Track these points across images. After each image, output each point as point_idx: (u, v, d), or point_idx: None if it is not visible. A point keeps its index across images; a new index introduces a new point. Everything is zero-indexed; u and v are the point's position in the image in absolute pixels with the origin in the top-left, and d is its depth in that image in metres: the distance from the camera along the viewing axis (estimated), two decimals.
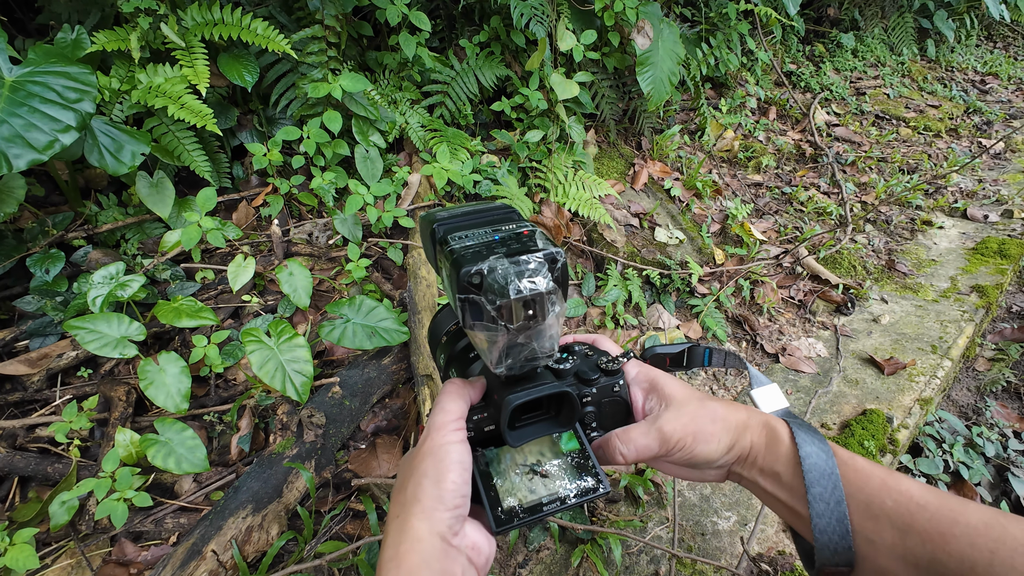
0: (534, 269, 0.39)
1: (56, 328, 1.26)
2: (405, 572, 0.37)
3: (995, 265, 1.98)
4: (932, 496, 0.38)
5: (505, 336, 0.40)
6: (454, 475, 0.40)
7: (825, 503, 0.40)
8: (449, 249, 0.41)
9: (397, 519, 0.40)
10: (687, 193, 2.15)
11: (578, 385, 0.49)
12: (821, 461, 0.42)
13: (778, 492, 0.44)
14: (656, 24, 1.91)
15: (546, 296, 0.39)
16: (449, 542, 0.39)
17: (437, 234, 0.44)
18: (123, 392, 1.17)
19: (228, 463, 1.15)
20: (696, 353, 0.56)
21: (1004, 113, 3.30)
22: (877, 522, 0.39)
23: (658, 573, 1.03)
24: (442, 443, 0.41)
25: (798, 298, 1.84)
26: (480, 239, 0.42)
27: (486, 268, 0.38)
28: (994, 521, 0.36)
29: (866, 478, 0.41)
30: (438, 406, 0.44)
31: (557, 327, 0.41)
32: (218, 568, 0.91)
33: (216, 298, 1.42)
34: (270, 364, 1.09)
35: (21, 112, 1.02)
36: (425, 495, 0.39)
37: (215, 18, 1.41)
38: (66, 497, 0.97)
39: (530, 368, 0.44)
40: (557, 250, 0.40)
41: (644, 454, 0.46)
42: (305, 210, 1.67)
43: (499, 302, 0.38)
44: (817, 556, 0.41)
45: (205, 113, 1.32)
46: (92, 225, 1.42)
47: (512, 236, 0.42)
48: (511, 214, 0.46)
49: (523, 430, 0.45)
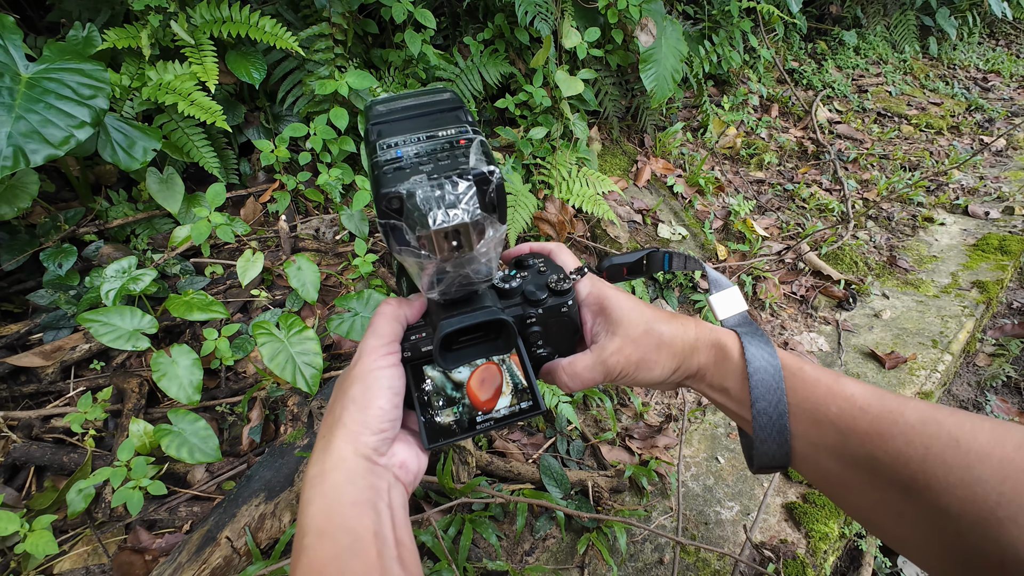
0: (460, 194, 0.35)
1: (69, 321, 1.28)
2: (329, 487, 0.38)
3: (996, 261, 2.00)
4: (875, 399, 0.40)
5: (433, 264, 0.37)
6: (381, 401, 0.40)
7: (768, 416, 0.42)
8: (373, 161, 0.37)
9: (323, 439, 0.40)
10: (690, 190, 2.16)
11: (524, 305, 0.47)
12: (768, 376, 0.43)
13: (727, 403, 0.47)
14: (659, 21, 1.92)
15: (471, 226, 0.36)
16: (375, 461, 0.40)
17: (370, 135, 0.39)
18: (136, 384, 1.19)
19: (240, 453, 1.17)
20: (655, 258, 0.54)
21: (1006, 110, 3.31)
22: (820, 427, 0.41)
23: (662, 560, 1.05)
24: (372, 368, 0.41)
25: (800, 293, 1.85)
26: (410, 147, 0.38)
27: (405, 192, 0.35)
28: (930, 418, 0.37)
29: (812, 387, 0.42)
30: (371, 329, 0.43)
31: (493, 252, 0.39)
32: (232, 554, 0.93)
33: (225, 292, 1.44)
34: (281, 356, 1.11)
35: (38, 108, 1.03)
36: (351, 420, 0.40)
37: (224, 16, 1.43)
38: (83, 485, 0.98)
39: (468, 291, 0.42)
40: (491, 168, 0.36)
41: (588, 385, 0.47)
42: (312, 206, 1.69)
43: (419, 231, 0.35)
44: (756, 459, 0.44)
45: (214, 109, 1.34)
46: (103, 220, 1.44)
47: (445, 147, 0.38)
48: (456, 111, 0.41)
49: (459, 352, 0.43)
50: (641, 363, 0.46)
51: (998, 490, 0.33)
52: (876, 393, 0.41)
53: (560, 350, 0.50)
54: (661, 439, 1.29)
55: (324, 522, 0.37)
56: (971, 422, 0.36)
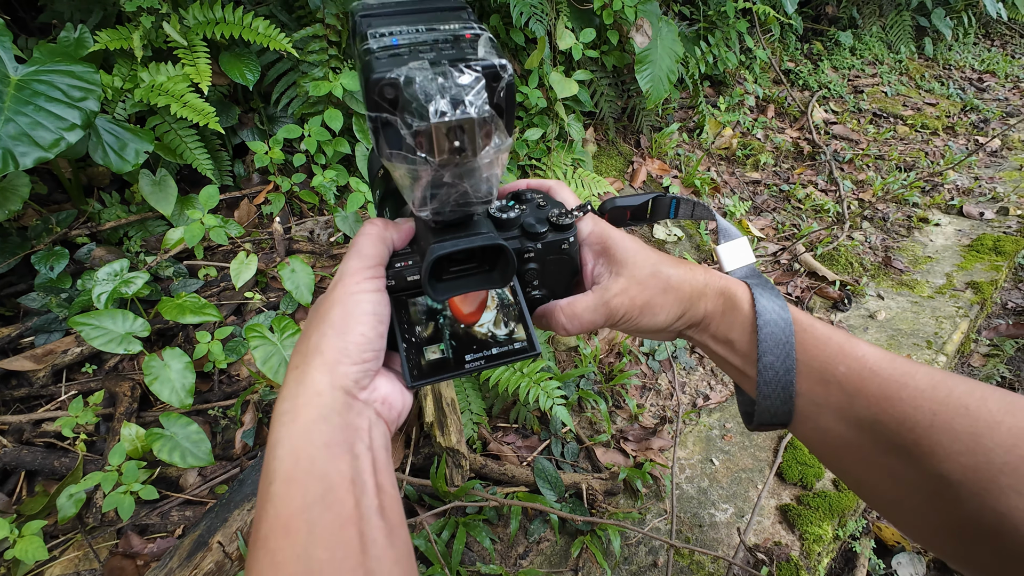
0: (467, 85, 0.30)
1: (61, 325, 1.27)
2: (301, 425, 0.33)
3: (990, 262, 2.00)
4: (886, 361, 0.38)
5: (429, 171, 0.32)
6: (364, 327, 0.36)
7: (774, 371, 0.40)
8: (364, 47, 0.32)
9: (296, 370, 0.35)
10: (686, 191, 2.16)
11: (522, 239, 0.43)
12: (778, 330, 0.40)
13: (730, 356, 0.44)
14: (655, 22, 1.92)
15: (478, 123, 0.30)
16: (355, 396, 0.35)
17: (359, 27, 0.34)
18: (128, 388, 1.18)
19: (232, 457, 1.17)
20: (661, 203, 0.50)
21: (1001, 111, 3.32)
22: (827, 387, 0.39)
23: (656, 563, 1.05)
24: (354, 291, 0.37)
25: (796, 294, 1.86)
26: (407, 38, 0.33)
27: (403, 77, 0.29)
28: (940, 383, 0.36)
29: (823, 345, 0.40)
30: (353, 249, 0.38)
31: (497, 167, 0.34)
32: (224, 559, 0.93)
33: (219, 295, 1.43)
34: (274, 359, 1.10)
35: (27, 110, 1.03)
36: (329, 347, 0.35)
37: (217, 17, 1.42)
38: (73, 490, 0.98)
39: (464, 214, 0.37)
40: (502, 62, 0.31)
41: (587, 328, 0.44)
42: (306, 208, 1.68)
43: (416, 125, 0.30)
44: (757, 416, 0.42)
45: (207, 111, 1.33)
46: (95, 223, 1.43)
47: (450, 39, 0.33)
48: (459, 11, 0.36)
49: (450, 283, 0.39)
50: (646, 307, 0.43)
51: (1004, 459, 0.32)
52: (888, 356, 0.39)
53: (556, 293, 0.46)
54: (656, 441, 1.29)
55: (293, 467, 0.32)
56: (982, 390, 0.35)
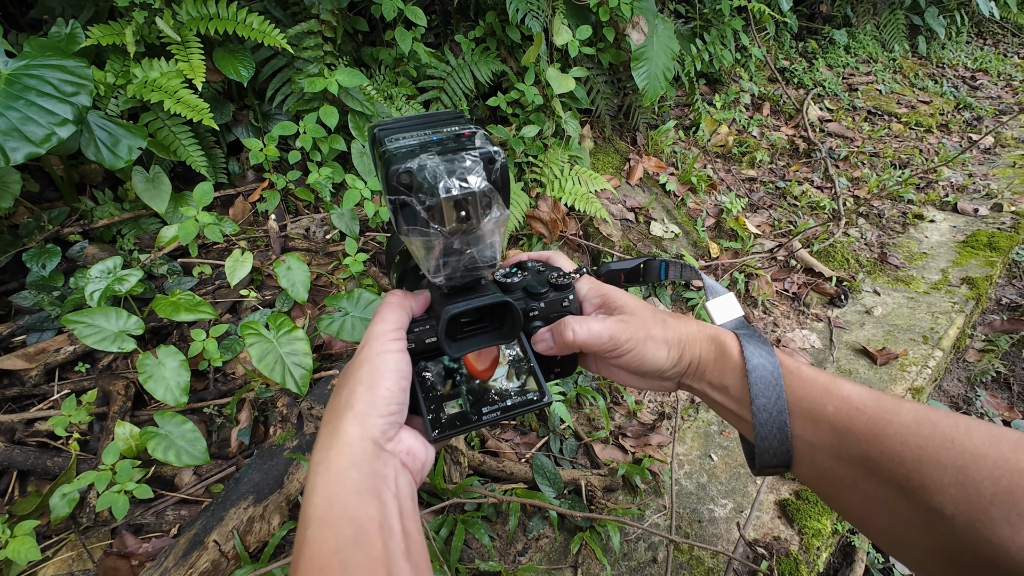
0: (468, 167, 0.37)
1: (53, 323, 1.25)
2: (334, 473, 0.37)
3: (985, 258, 2.01)
4: (871, 399, 0.40)
5: (440, 240, 0.38)
6: (389, 382, 0.40)
7: (768, 412, 0.43)
8: (383, 150, 0.39)
9: (329, 424, 0.39)
10: (682, 188, 2.16)
11: (526, 299, 0.48)
12: (767, 373, 0.44)
13: (727, 402, 0.46)
14: (651, 20, 1.92)
15: (479, 196, 0.37)
16: (382, 446, 0.39)
17: (377, 138, 0.42)
18: (122, 386, 1.17)
19: (228, 456, 1.16)
20: (652, 266, 0.56)
21: (994, 109, 3.34)
22: (818, 426, 0.41)
23: (656, 559, 1.05)
24: (379, 351, 0.41)
25: (792, 291, 1.86)
26: (417, 140, 0.40)
27: (416, 166, 0.36)
28: (924, 418, 0.38)
29: (810, 386, 0.43)
30: (377, 315, 0.43)
31: (498, 235, 0.40)
32: (220, 558, 0.92)
33: (214, 293, 1.42)
34: (269, 357, 1.09)
35: (18, 105, 1.01)
36: (358, 401, 0.39)
37: (210, 12, 1.41)
38: (67, 490, 0.97)
39: (472, 279, 0.43)
40: (496, 149, 0.39)
41: (594, 339, 0.46)
42: (302, 205, 1.67)
43: (428, 202, 0.36)
44: (758, 458, 0.44)
45: (201, 108, 1.32)
46: (88, 220, 1.41)
47: (451, 137, 0.40)
48: (458, 119, 0.44)
49: (463, 342, 0.44)
50: (649, 339, 0.46)
51: (992, 490, 0.33)
52: (872, 394, 0.41)
53: None
54: (654, 437, 1.29)
55: (326, 512, 0.35)
56: (966, 423, 0.36)
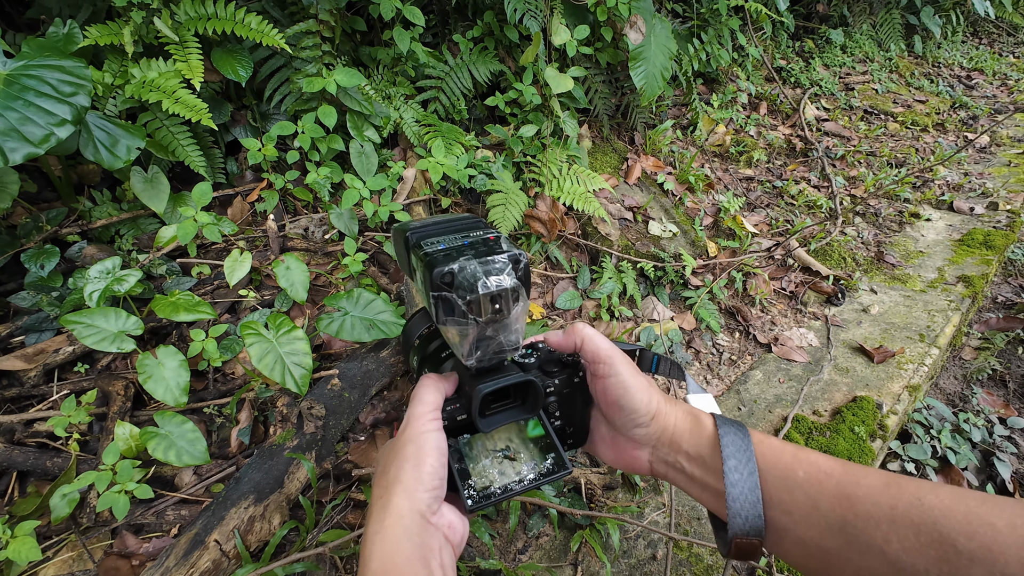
0: (499, 268, 0.44)
1: (52, 323, 1.25)
2: (388, 543, 0.41)
3: (981, 256, 2.02)
4: (837, 465, 0.43)
5: (475, 329, 0.44)
6: (432, 459, 0.44)
7: (739, 474, 0.45)
8: (423, 252, 0.46)
9: (380, 499, 0.44)
10: (680, 187, 2.17)
11: (541, 377, 0.53)
12: (738, 439, 0.47)
13: (702, 475, 0.48)
14: (648, 19, 1.92)
15: (511, 292, 0.43)
16: (428, 519, 0.43)
17: (411, 241, 0.49)
18: (121, 386, 1.17)
19: (228, 456, 1.16)
20: (645, 357, 0.61)
21: (989, 108, 3.35)
22: (792, 493, 0.43)
23: (655, 556, 1.05)
24: (421, 431, 0.46)
25: (790, 289, 1.87)
26: (451, 244, 0.47)
27: (457, 267, 0.43)
28: (892, 481, 0.40)
29: (779, 453, 0.45)
30: (416, 398, 0.48)
31: (521, 321, 0.46)
32: (221, 558, 0.92)
33: (212, 293, 1.42)
34: (269, 357, 1.09)
35: (16, 106, 1.01)
36: (407, 476, 0.44)
37: (208, 12, 1.41)
38: (67, 490, 0.97)
39: (497, 360, 0.49)
40: (520, 252, 0.46)
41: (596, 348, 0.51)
42: (300, 205, 1.67)
43: (469, 297, 0.42)
44: (730, 526, 0.44)
45: (200, 107, 1.32)
46: (86, 221, 1.41)
47: (480, 241, 0.48)
48: (478, 223, 0.52)
49: (492, 417, 0.50)
50: (636, 376, 0.51)
51: (968, 547, 0.33)
52: (838, 461, 0.43)
53: (572, 421, 0.56)
54: None
55: None
56: (931, 485, 0.38)
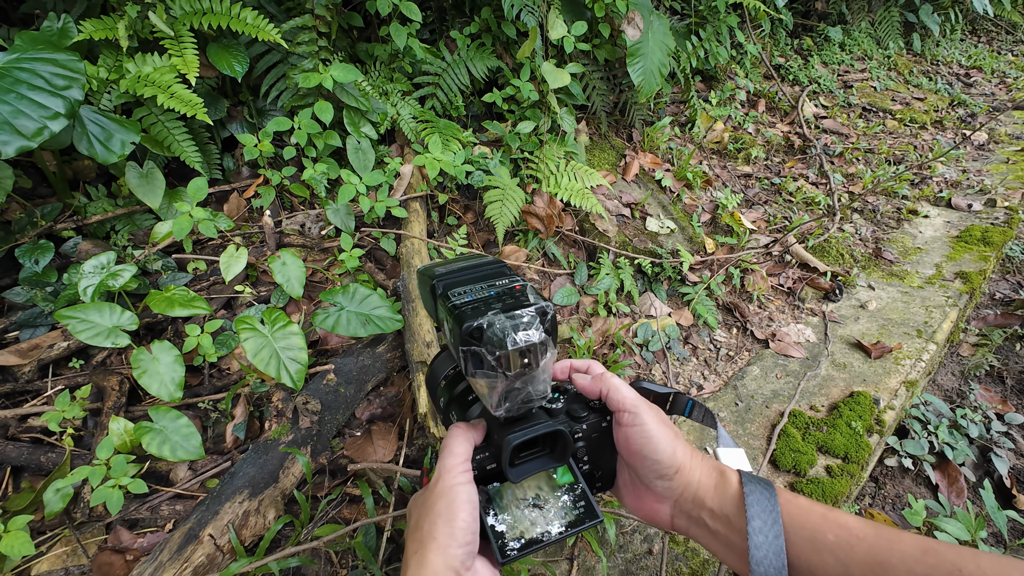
0: (527, 322, 0.44)
1: (47, 319, 1.25)
2: None
3: (978, 252, 2.02)
4: (870, 528, 0.41)
5: (504, 382, 0.44)
6: (464, 514, 0.44)
7: (764, 536, 0.43)
8: (451, 304, 0.46)
9: (416, 555, 0.43)
10: (678, 184, 2.16)
11: (569, 423, 0.52)
12: (764, 498, 0.45)
13: (727, 533, 0.47)
14: (646, 16, 1.92)
15: (539, 346, 0.43)
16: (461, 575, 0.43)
17: (437, 290, 0.49)
18: (116, 382, 1.17)
19: (223, 451, 1.15)
20: (680, 401, 0.60)
21: (987, 105, 3.35)
22: (821, 555, 0.42)
23: (651, 551, 1.05)
24: (452, 484, 0.45)
25: (787, 285, 1.86)
26: (478, 295, 0.47)
27: (486, 323, 0.43)
28: (928, 548, 0.38)
29: (807, 514, 0.44)
30: (446, 450, 0.48)
31: (549, 371, 0.46)
32: (215, 552, 0.91)
33: (208, 289, 1.42)
34: (264, 352, 1.09)
35: (8, 99, 1.01)
36: (440, 533, 0.43)
37: (204, 7, 1.40)
38: (60, 485, 0.96)
39: (526, 409, 0.48)
40: (547, 303, 0.46)
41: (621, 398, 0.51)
42: (297, 201, 1.67)
43: (498, 353, 0.42)
44: None
45: (195, 102, 1.31)
46: (81, 216, 1.41)
47: (506, 291, 0.47)
48: (502, 268, 0.52)
49: (522, 467, 0.49)
50: (662, 425, 0.51)
51: None
52: (871, 524, 0.41)
53: (599, 465, 0.55)
54: None
55: None
56: (970, 552, 0.36)
